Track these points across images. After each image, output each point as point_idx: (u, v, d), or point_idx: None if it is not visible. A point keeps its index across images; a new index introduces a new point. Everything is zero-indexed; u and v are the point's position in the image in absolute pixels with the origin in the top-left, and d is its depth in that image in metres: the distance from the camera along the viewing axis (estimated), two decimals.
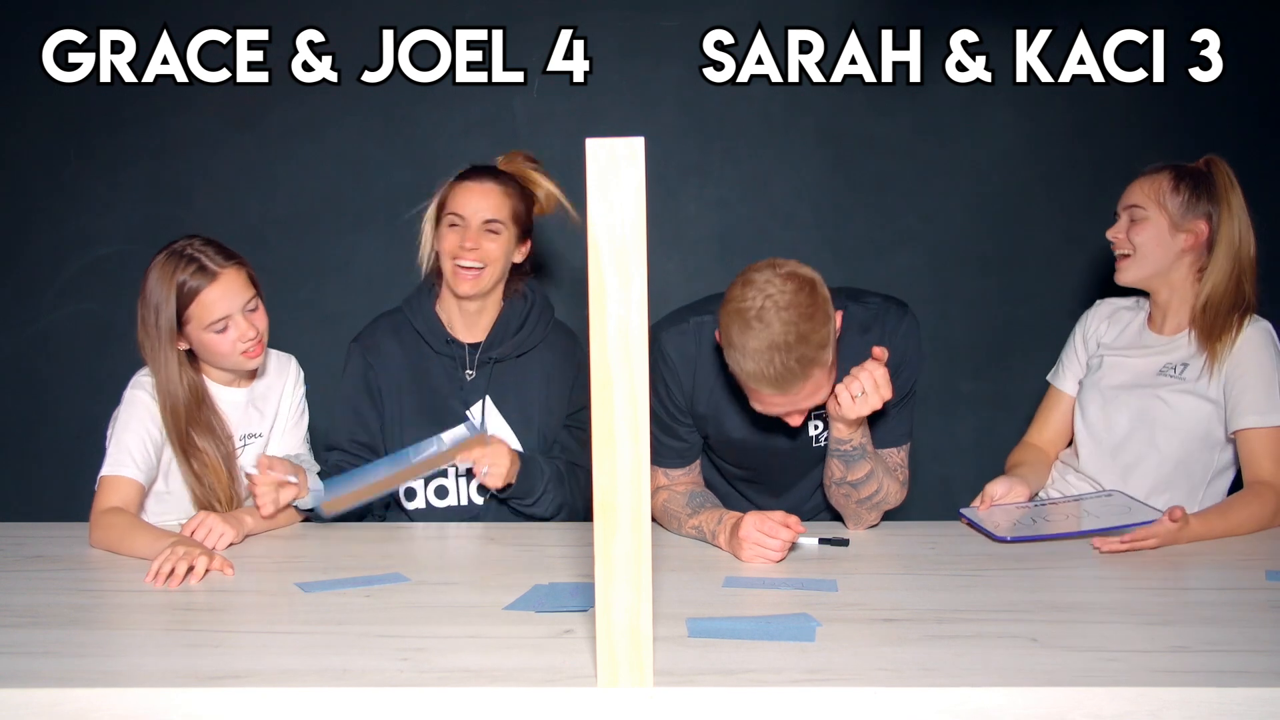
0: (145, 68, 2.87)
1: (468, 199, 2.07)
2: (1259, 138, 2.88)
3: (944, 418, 2.91)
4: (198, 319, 1.92)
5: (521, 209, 2.12)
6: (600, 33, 2.88)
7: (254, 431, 2.08)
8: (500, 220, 2.08)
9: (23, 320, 2.93)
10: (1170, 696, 1.18)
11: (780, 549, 1.73)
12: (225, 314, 1.92)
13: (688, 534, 1.92)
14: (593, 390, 1.14)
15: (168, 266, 1.92)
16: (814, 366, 1.64)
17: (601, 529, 1.16)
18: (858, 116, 2.90)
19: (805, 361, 1.62)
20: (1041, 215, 2.93)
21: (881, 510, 1.93)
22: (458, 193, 2.09)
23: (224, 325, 1.93)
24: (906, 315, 1.92)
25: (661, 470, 2.00)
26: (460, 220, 2.07)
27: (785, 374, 1.62)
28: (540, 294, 2.22)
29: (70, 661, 1.30)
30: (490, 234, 2.07)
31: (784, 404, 1.70)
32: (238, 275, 1.95)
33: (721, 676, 1.23)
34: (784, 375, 1.63)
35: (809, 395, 1.69)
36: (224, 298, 1.92)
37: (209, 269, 1.92)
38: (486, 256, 2.07)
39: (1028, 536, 1.81)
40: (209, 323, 1.92)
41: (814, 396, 1.70)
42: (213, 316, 1.92)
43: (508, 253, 2.11)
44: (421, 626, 1.42)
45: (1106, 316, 2.15)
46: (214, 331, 1.93)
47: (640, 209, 1.11)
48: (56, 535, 1.96)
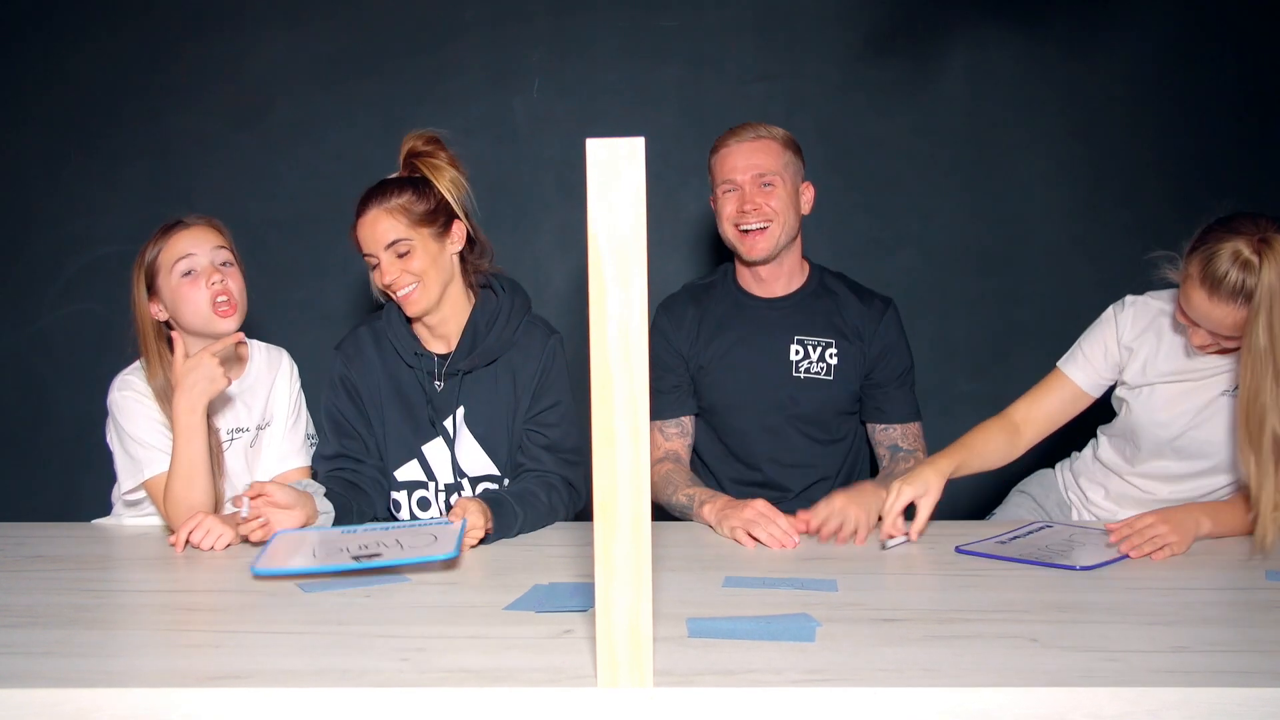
0: (145, 68, 2.88)
1: (363, 235, 1.98)
2: (1259, 137, 2.88)
3: (944, 418, 2.91)
4: (166, 265, 1.96)
5: (425, 207, 1.98)
6: (600, 33, 2.88)
7: (241, 426, 2.06)
8: (403, 238, 1.96)
9: (23, 320, 2.94)
10: (1170, 697, 1.18)
11: (775, 536, 1.82)
12: (191, 250, 1.96)
13: (679, 500, 2.04)
14: (593, 390, 1.14)
15: (152, 234, 2.00)
16: (775, 144, 2.13)
17: (601, 529, 1.16)
18: (858, 116, 2.91)
19: (770, 135, 2.14)
20: (1041, 215, 2.93)
21: None
22: (357, 233, 2.00)
23: (189, 269, 1.95)
24: (889, 309, 2.21)
25: (658, 428, 2.18)
26: (372, 258, 1.99)
27: (749, 129, 2.13)
28: (511, 291, 2.10)
29: (70, 661, 1.30)
30: (400, 257, 1.96)
31: (744, 161, 2.11)
32: (208, 226, 2.01)
33: (721, 676, 1.23)
34: (748, 129, 2.14)
35: (762, 162, 2.11)
36: (192, 238, 1.98)
37: (183, 221, 2.00)
38: (411, 277, 1.97)
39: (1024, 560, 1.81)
40: (175, 260, 1.95)
41: (766, 175, 2.11)
42: (179, 253, 1.95)
43: (433, 258, 1.99)
44: (421, 626, 1.42)
45: (1138, 330, 2.00)
46: (181, 275, 1.95)
47: (640, 209, 1.11)
48: (56, 535, 1.96)
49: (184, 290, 1.95)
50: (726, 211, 2.14)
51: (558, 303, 2.91)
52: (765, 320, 2.20)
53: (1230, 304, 1.74)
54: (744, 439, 2.21)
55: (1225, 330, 1.78)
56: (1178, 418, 1.95)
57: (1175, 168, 2.87)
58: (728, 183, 2.13)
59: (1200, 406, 1.94)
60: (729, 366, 2.19)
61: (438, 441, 2.07)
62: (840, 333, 2.18)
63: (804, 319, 2.20)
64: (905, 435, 2.19)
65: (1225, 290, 1.73)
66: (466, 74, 2.89)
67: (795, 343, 2.18)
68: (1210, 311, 1.77)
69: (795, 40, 2.88)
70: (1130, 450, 2.06)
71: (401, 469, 2.09)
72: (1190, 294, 1.79)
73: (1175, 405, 1.96)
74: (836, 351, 2.17)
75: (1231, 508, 1.85)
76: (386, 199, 1.98)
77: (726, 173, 2.13)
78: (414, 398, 2.08)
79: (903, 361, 2.21)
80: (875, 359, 2.19)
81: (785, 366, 2.18)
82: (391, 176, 2.04)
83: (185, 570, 1.74)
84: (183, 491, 1.88)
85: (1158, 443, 1.99)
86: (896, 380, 2.20)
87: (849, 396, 2.20)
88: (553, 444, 2.06)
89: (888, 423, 2.20)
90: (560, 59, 2.89)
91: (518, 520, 1.91)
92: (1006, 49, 2.88)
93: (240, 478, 2.05)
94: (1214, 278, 1.73)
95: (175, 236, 1.98)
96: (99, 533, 2.01)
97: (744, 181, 2.11)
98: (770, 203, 2.10)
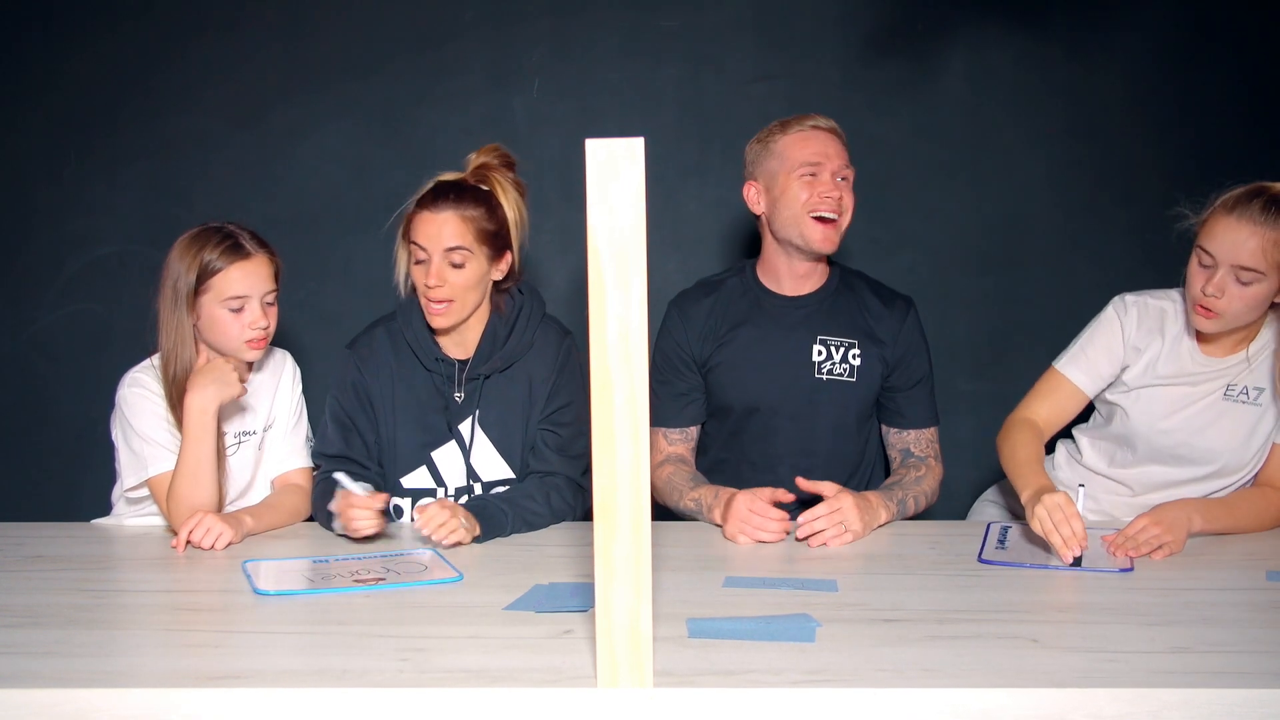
0: (145, 68, 2.88)
1: (426, 230, 1.94)
2: (1259, 137, 2.88)
3: (944, 418, 2.90)
4: (217, 290, 1.91)
5: (491, 227, 1.98)
6: (600, 33, 2.88)
7: (248, 429, 2.06)
8: (464, 247, 1.94)
9: (23, 320, 2.93)
10: (1171, 697, 1.18)
11: (770, 530, 1.82)
12: (246, 293, 1.92)
13: (687, 506, 2.01)
14: (593, 391, 1.14)
15: (199, 239, 1.92)
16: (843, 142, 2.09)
17: (601, 529, 1.16)
18: (858, 116, 2.90)
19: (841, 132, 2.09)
20: (1041, 215, 2.93)
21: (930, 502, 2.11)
22: (418, 223, 1.96)
23: (240, 305, 1.93)
24: (911, 309, 2.16)
25: (662, 433, 2.12)
26: (423, 253, 1.95)
27: (823, 118, 2.07)
28: (528, 294, 2.09)
29: (70, 661, 1.30)
30: (454, 267, 1.94)
31: (832, 148, 2.04)
32: (268, 264, 1.96)
33: (721, 677, 1.23)
34: (822, 118, 2.07)
35: (842, 153, 2.06)
36: (249, 278, 1.92)
37: (243, 248, 1.93)
38: (453, 291, 1.95)
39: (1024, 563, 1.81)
40: (227, 296, 1.91)
41: (845, 168, 2.06)
42: (233, 292, 1.91)
43: (479, 279, 1.98)
44: (421, 626, 1.42)
45: (1135, 328, 1.99)
46: (229, 309, 1.92)
47: (640, 209, 1.11)
48: (56, 535, 1.95)
49: (225, 319, 1.93)
50: (803, 197, 2.02)
51: (558, 303, 2.90)
52: (787, 319, 2.13)
53: (1255, 225, 1.76)
54: (762, 441, 2.15)
55: (1245, 257, 1.76)
56: (1180, 424, 1.94)
57: (1175, 168, 2.87)
58: (810, 165, 2.01)
59: (1200, 410, 1.94)
60: (747, 366, 2.12)
61: (449, 447, 2.05)
62: (863, 333, 2.12)
63: (826, 318, 2.13)
64: (919, 441, 2.14)
65: (1253, 209, 1.76)
66: (466, 74, 2.89)
67: (818, 343, 2.12)
68: (1233, 234, 1.77)
69: (795, 40, 2.88)
70: (1122, 455, 2.04)
71: (408, 476, 2.07)
72: (1214, 224, 1.80)
73: (1174, 409, 1.95)
74: (860, 352, 2.11)
75: (1224, 505, 1.85)
76: (463, 205, 1.95)
77: (809, 155, 2.02)
78: (428, 402, 2.05)
79: (923, 365, 2.15)
80: (896, 363, 2.13)
81: (808, 368, 2.11)
82: (459, 180, 2.01)
83: (185, 570, 1.74)
84: (188, 490, 1.88)
85: (1158, 449, 1.98)
86: (916, 384, 2.15)
87: (871, 398, 2.14)
88: (564, 444, 2.05)
89: (905, 427, 2.15)
90: (560, 59, 2.89)
91: (507, 519, 1.91)
92: (1006, 49, 2.88)
93: (245, 480, 2.05)
94: (1242, 200, 1.78)
95: (235, 270, 1.91)
96: (99, 533, 2.01)
97: (829, 168, 2.02)
98: (845, 197, 2.04)
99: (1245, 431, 1.91)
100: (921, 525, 1.98)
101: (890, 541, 1.86)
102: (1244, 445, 1.92)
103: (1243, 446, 1.92)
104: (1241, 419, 1.91)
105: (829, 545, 1.81)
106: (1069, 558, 1.67)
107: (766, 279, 2.17)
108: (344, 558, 1.77)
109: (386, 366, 2.06)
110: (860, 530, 1.84)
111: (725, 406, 2.16)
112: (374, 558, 1.77)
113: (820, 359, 2.11)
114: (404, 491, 2.07)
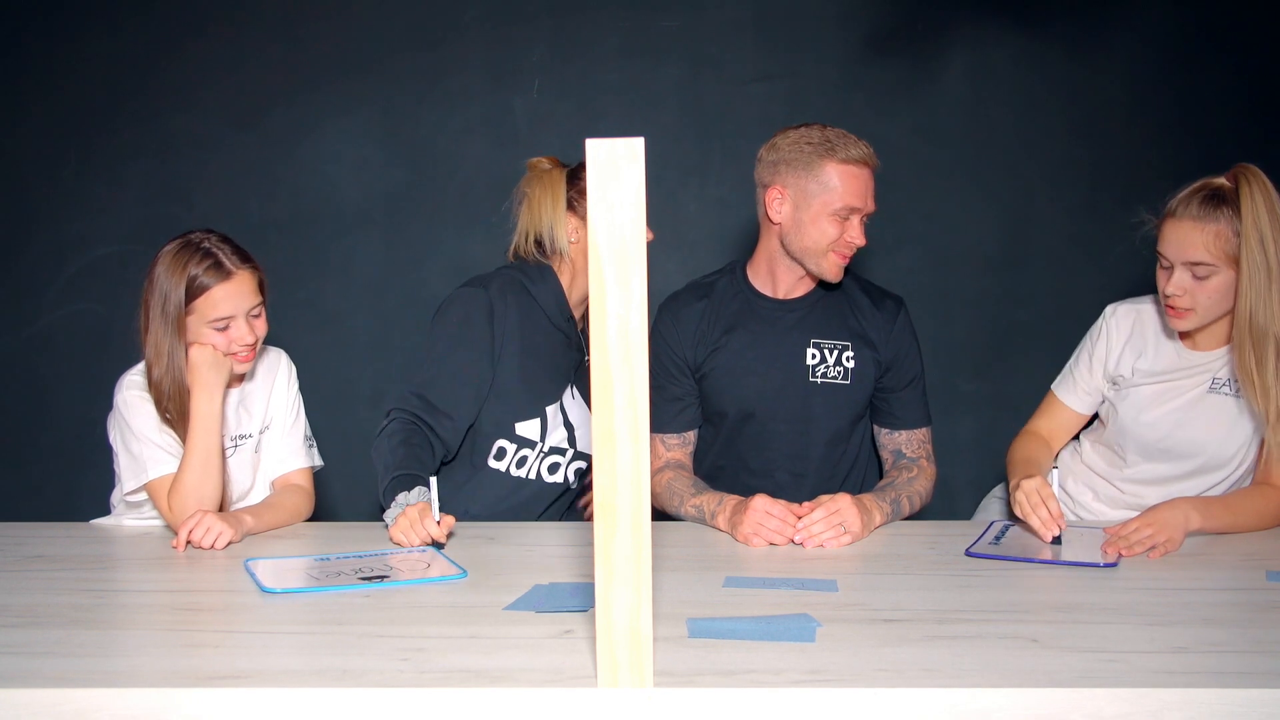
0: (145, 68, 2.88)
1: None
2: (1259, 137, 2.88)
3: (944, 418, 2.91)
4: (201, 313, 1.92)
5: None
6: (600, 33, 2.88)
7: (244, 433, 2.06)
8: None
9: (23, 320, 2.94)
10: (1171, 698, 1.18)
11: (785, 535, 1.82)
12: (230, 314, 1.92)
13: (688, 513, 1.99)
14: (593, 390, 1.14)
15: (181, 256, 1.91)
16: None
17: (601, 529, 1.16)
18: (858, 116, 2.90)
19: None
20: (1041, 215, 2.93)
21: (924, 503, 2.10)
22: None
23: (225, 324, 1.93)
24: (901, 309, 2.15)
25: (659, 439, 2.12)
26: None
27: (869, 149, 2.04)
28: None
29: (70, 661, 1.30)
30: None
31: (870, 189, 2.03)
32: (250, 279, 1.95)
33: (721, 677, 1.23)
34: (867, 147, 2.03)
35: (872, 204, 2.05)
36: (232, 298, 1.92)
37: (224, 267, 1.91)
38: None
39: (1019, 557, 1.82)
40: (212, 319, 1.92)
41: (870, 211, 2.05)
42: (217, 314, 1.91)
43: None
44: (421, 626, 1.42)
45: (1128, 333, 2.01)
46: (214, 329, 1.93)
47: (640, 209, 1.11)
48: (56, 535, 1.95)
49: (210, 335, 1.93)
50: (832, 234, 2.01)
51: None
52: (780, 323, 2.11)
53: (1194, 221, 1.81)
54: (757, 447, 2.14)
55: (1192, 253, 1.82)
56: (1163, 417, 1.95)
57: (1175, 168, 2.86)
58: (850, 209, 2.00)
59: (1185, 405, 1.94)
60: (742, 372, 2.10)
61: (555, 407, 2.09)
62: (855, 335, 2.11)
63: (819, 321, 2.11)
64: (910, 442, 2.14)
65: (1192, 207, 1.82)
66: (466, 74, 2.89)
67: (812, 346, 2.11)
68: (1178, 234, 1.83)
69: (795, 40, 2.88)
70: (1117, 454, 2.05)
71: (523, 424, 2.09)
72: (1164, 227, 1.87)
73: (1160, 404, 1.96)
74: (853, 354, 2.10)
75: (1223, 503, 1.85)
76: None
77: (852, 199, 2.00)
78: (546, 360, 2.10)
79: (915, 366, 2.14)
80: (888, 364, 2.12)
81: (802, 372, 2.10)
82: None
83: (186, 570, 1.74)
84: (195, 482, 1.88)
85: (1144, 445, 1.98)
86: (908, 385, 2.13)
87: (865, 400, 2.13)
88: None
89: (897, 428, 2.14)
90: (560, 59, 2.89)
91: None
92: (1006, 49, 2.88)
93: (245, 484, 2.05)
94: (1184, 200, 1.84)
95: (218, 292, 1.90)
96: (99, 533, 2.01)
97: (864, 212, 2.03)
98: (861, 239, 2.05)
99: (1228, 422, 1.92)
100: (921, 525, 1.98)
101: (890, 541, 1.86)
102: (1227, 437, 1.92)
103: (1226, 438, 1.92)
104: (1223, 410, 1.92)
105: (826, 546, 1.81)
106: (1048, 536, 1.76)
107: (758, 281, 2.15)
108: (346, 556, 1.77)
109: (513, 310, 2.08)
110: (859, 531, 1.84)
111: (720, 412, 2.15)
112: (376, 555, 1.77)
113: (814, 362, 2.10)
114: (515, 437, 2.09)
